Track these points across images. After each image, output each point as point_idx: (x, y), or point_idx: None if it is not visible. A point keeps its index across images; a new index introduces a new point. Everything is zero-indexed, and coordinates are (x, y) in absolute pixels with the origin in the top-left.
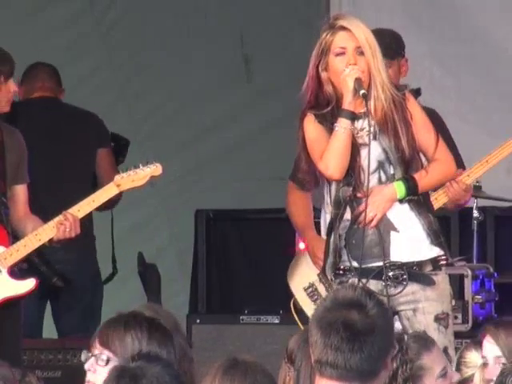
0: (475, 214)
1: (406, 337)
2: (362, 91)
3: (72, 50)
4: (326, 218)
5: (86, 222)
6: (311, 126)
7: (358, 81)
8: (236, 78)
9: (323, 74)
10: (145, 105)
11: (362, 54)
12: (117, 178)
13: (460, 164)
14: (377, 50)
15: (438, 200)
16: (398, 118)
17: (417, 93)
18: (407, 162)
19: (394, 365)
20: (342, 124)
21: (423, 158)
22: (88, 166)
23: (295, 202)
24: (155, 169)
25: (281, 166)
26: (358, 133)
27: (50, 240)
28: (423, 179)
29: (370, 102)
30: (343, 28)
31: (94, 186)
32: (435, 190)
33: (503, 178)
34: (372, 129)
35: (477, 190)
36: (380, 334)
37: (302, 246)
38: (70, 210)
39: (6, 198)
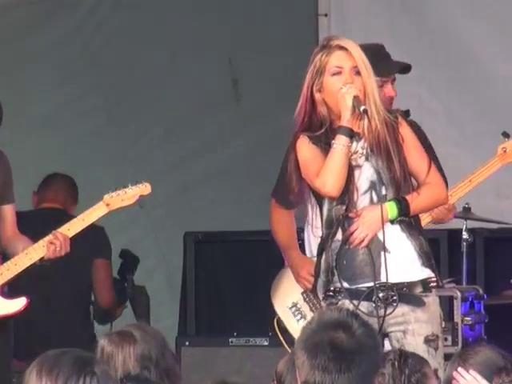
0: (465, 235)
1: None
2: (362, 107)
3: (60, 72)
4: (310, 238)
5: None
6: (305, 147)
7: (356, 98)
8: (224, 101)
9: (317, 95)
10: (133, 128)
11: (358, 73)
12: (106, 197)
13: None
14: (371, 71)
15: (422, 219)
16: (390, 139)
17: (406, 114)
18: (399, 183)
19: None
20: (340, 141)
21: (414, 181)
22: (83, 277)
23: (278, 221)
24: (144, 188)
25: (269, 189)
26: (351, 155)
27: (41, 258)
28: (415, 201)
29: (365, 122)
30: (340, 47)
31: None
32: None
33: (492, 201)
34: (364, 151)
35: (466, 212)
36: (367, 354)
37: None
38: (60, 229)
39: None
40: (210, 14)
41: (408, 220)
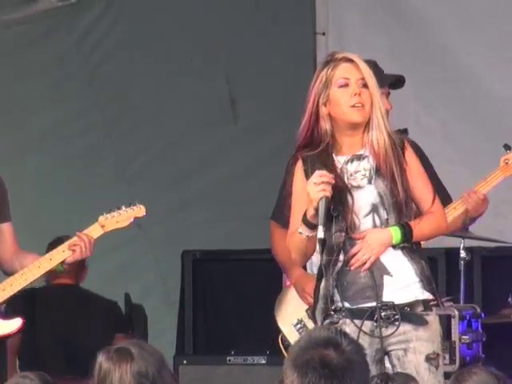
0: (462, 254)
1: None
2: (318, 237)
3: (59, 89)
4: (312, 259)
5: None
6: (297, 183)
7: (323, 199)
8: (222, 117)
9: (323, 109)
10: (131, 145)
11: (365, 86)
12: (101, 218)
13: (447, 198)
14: (377, 85)
15: (456, 209)
16: (395, 160)
17: (404, 133)
18: (401, 208)
19: None
20: (303, 230)
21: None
22: None
23: (280, 241)
24: (138, 210)
25: (267, 206)
26: (351, 175)
27: (62, 262)
28: (418, 228)
29: (372, 133)
30: (346, 60)
31: None
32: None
33: (490, 219)
34: (368, 172)
35: (464, 231)
36: (356, 371)
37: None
38: (46, 256)
39: None
40: (208, 32)
41: (409, 245)
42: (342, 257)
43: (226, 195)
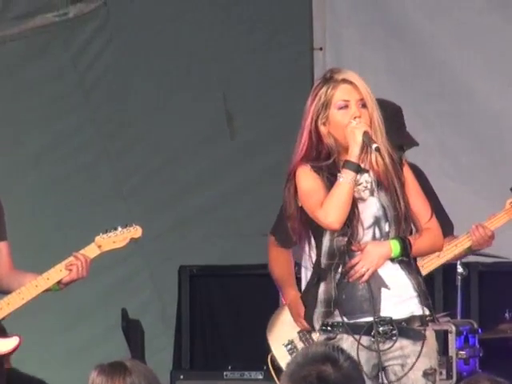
0: (459, 269)
1: None
2: (374, 145)
3: (55, 106)
4: (307, 274)
5: None
6: (307, 175)
7: (366, 134)
8: (219, 134)
9: (322, 128)
10: (128, 161)
11: (364, 106)
12: (98, 238)
13: (446, 222)
14: (376, 103)
15: (463, 244)
16: (395, 175)
17: (400, 149)
18: (401, 222)
19: None
20: (347, 175)
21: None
22: None
23: (276, 259)
24: (135, 231)
25: (265, 222)
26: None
27: (58, 282)
28: (417, 243)
29: (373, 155)
30: (345, 81)
31: None
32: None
33: None
34: (369, 185)
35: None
36: None
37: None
38: (43, 275)
39: None
40: (204, 48)
41: (407, 260)
42: (340, 269)
43: (223, 212)
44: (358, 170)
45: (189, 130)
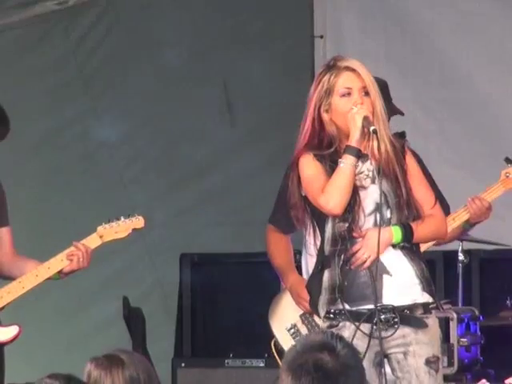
0: (460, 256)
1: None
2: (372, 127)
3: (55, 94)
4: (307, 260)
5: None
6: (310, 163)
7: (366, 119)
8: (220, 124)
9: (325, 116)
10: (128, 150)
11: (367, 94)
12: (100, 229)
13: (445, 206)
14: (379, 91)
15: (460, 217)
16: (397, 163)
17: (401, 136)
18: (403, 208)
19: None
20: (348, 160)
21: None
22: None
23: (275, 245)
24: (137, 221)
25: (266, 210)
26: (356, 175)
27: (60, 271)
28: (419, 229)
29: (373, 143)
30: (348, 68)
31: None
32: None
33: (488, 222)
34: (371, 173)
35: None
36: (351, 375)
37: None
38: (44, 264)
39: None
40: (205, 37)
41: (409, 246)
42: (345, 246)
43: (224, 199)
44: (359, 154)
45: (189, 118)
